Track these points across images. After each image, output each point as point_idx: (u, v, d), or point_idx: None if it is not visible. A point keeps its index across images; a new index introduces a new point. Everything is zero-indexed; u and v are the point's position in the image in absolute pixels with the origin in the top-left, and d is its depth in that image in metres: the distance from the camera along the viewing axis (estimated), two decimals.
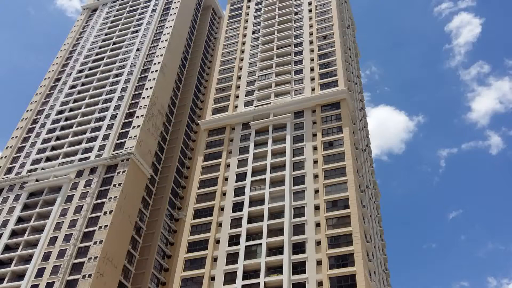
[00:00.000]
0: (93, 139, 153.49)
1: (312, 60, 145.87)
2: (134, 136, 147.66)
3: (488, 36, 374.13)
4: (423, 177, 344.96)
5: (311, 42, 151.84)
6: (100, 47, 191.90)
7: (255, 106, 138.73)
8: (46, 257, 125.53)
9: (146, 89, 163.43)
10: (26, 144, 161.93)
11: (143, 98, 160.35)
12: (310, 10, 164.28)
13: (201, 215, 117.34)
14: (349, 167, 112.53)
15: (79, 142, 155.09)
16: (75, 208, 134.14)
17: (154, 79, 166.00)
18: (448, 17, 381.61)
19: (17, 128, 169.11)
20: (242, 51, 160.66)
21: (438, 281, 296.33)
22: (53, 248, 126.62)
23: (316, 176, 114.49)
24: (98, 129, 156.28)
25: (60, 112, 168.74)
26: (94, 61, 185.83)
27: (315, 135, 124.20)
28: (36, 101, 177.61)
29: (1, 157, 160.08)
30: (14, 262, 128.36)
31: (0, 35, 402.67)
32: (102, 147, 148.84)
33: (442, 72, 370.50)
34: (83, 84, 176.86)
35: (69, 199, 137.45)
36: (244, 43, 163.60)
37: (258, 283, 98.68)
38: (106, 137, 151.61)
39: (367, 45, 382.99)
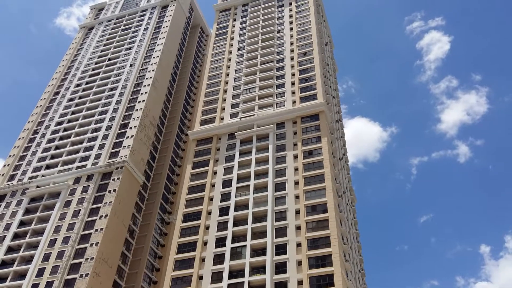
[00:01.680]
0: (90, 148, 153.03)
1: (293, 75, 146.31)
2: (128, 146, 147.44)
3: (457, 53, 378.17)
4: (396, 183, 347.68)
5: (292, 58, 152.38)
6: (96, 63, 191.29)
7: (240, 118, 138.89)
8: (46, 258, 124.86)
9: (139, 102, 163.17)
10: (27, 153, 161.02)
11: (136, 110, 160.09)
12: (291, 29, 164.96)
13: (190, 219, 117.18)
14: (327, 175, 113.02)
15: (77, 151, 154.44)
16: (73, 213, 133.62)
17: (146, 92, 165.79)
18: (420, 35, 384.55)
19: (19, 138, 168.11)
20: (228, 67, 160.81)
21: (410, 281, 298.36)
22: (53, 250, 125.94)
23: (296, 183, 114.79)
24: (94, 139, 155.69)
25: (59, 123, 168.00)
26: (90, 76, 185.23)
27: (295, 144, 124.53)
28: (36, 113, 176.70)
29: (4, 165, 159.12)
30: (16, 263, 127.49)
31: (3, 51, 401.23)
32: (98, 156, 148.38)
33: (413, 86, 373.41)
34: (80, 97, 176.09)
35: (68, 204, 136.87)
36: (230, 59, 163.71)
37: (243, 282, 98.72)
38: (101, 147, 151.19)
39: (344, 61, 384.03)
